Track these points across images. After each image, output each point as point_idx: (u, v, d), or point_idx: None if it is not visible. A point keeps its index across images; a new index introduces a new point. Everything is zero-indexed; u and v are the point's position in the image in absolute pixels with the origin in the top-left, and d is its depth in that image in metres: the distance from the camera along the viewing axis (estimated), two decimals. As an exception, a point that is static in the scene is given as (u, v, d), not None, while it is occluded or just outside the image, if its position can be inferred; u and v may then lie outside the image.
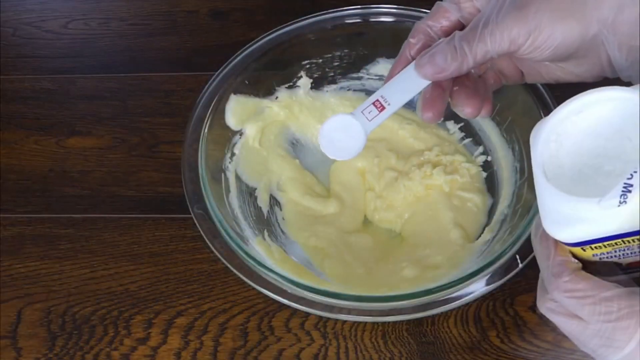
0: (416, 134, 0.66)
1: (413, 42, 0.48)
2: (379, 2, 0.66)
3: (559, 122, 0.38)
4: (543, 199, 0.38)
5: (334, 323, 0.58)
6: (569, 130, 0.38)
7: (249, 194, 0.63)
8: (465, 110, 0.50)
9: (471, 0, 0.47)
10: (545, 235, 0.39)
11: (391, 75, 0.49)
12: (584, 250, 0.38)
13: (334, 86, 0.68)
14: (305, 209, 0.63)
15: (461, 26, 0.48)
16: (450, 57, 0.45)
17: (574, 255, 0.39)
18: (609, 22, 0.42)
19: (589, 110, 0.38)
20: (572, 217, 0.36)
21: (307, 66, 0.67)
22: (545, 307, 0.40)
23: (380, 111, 0.47)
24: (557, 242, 0.39)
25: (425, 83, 0.47)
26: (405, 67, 0.48)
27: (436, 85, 0.48)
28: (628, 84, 0.43)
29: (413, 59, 0.48)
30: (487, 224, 0.60)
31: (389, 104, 0.47)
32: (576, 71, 0.47)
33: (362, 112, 0.47)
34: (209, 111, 0.61)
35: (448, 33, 0.48)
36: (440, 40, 0.47)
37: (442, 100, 0.49)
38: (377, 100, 0.48)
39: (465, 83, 0.50)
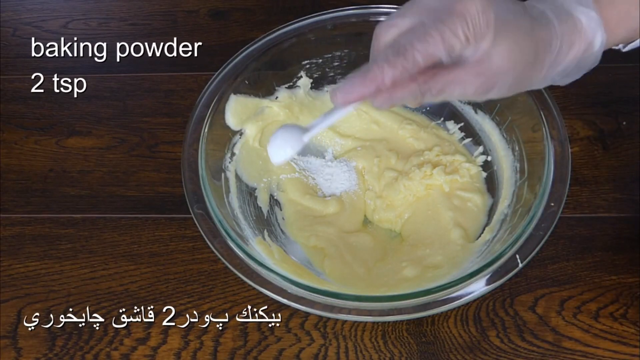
0: (416, 134, 0.66)
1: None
2: (379, 2, 0.66)
3: None
4: None
5: (334, 323, 0.58)
6: None
7: (249, 194, 0.63)
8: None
9: None
10: None
11: None
12: None
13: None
14: (305, 209, 0.63)
15: None
16: None
17: None
18: None
19: None
20: None
21: (307, 66, 0.67)
22: None
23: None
24: None
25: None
26: None
27: None
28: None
29: None
30: (487, 224, 0.60)
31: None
32: None
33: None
34: (209, 111, 0.61)
35: None
36: None
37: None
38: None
39: None
